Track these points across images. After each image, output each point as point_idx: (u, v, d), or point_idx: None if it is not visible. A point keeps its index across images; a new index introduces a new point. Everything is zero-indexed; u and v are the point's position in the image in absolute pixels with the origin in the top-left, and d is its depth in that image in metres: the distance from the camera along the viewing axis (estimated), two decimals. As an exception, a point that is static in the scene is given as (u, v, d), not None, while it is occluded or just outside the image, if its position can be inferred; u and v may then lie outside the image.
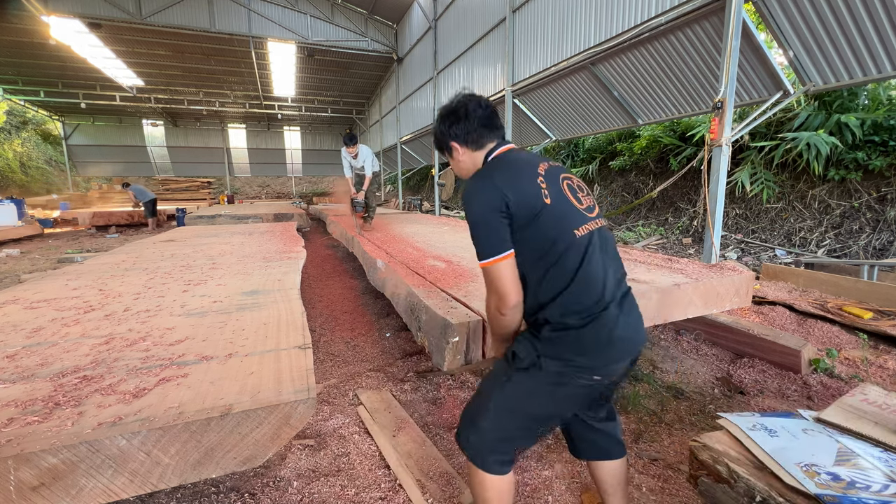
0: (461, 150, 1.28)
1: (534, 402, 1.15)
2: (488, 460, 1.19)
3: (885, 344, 2.89)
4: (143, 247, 3.98)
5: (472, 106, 1.25)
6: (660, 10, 4.58)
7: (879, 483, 1.00)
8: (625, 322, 1.12)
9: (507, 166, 1.18)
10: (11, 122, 18.05)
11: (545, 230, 1.10)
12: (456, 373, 2.57)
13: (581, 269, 1.10)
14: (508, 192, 1.09)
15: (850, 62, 3.65)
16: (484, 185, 1.13)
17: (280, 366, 1.31)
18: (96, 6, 11.14)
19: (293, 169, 26.11)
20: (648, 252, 3.31)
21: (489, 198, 1.10)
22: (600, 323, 1.08)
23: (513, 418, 1.18)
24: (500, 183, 1.11)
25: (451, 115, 1.27)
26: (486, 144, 1.27)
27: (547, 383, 1.12)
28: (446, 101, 1.30)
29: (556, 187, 1.16)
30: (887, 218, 4.87)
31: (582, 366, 1.09)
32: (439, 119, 1.30)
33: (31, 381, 1.22)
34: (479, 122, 1.24)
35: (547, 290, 1.11)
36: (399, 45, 14.20)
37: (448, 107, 1.29)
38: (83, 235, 10.04)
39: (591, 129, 7.18)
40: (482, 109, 1.25)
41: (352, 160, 5.06)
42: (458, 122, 1.25)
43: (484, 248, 1.11)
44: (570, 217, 1.13)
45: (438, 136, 1.33)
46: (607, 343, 1.09)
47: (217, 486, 1.65)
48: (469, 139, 1.26)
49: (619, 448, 1.35)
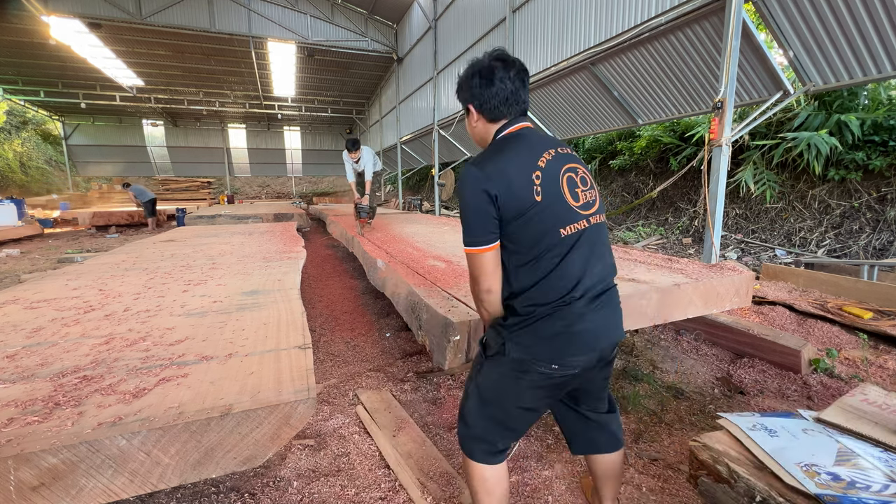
0: (476, 116, 1.24)
1: (503, 390, 1.19)
2: (473, 449, 1.24)
3: (885, 344, 2.89)
4: (143, 247, 3.98)
5: (501, 75, 1.17)
6: (660, 10, 4.58)
7: (879, 483, 1.00)
8: (592, 317, 1.12)
9: (506, 154, 1.14)
10: (11, 122, 18.04)
11: (530, 228, 1.10)
12: (456, 373, 2.57)
13: (557, 267, 1.11)
14: (499, 186, 1.08)
15: (850, 62, 3.65)
16: (475, 176, 1.11)
17: (280, 366, 1.31)
18: (96, 6, 11.14)
19: (293, 169, 26.10)
20: (648, 252, 3.31)
21: (477, 189, 1.10)
22: (559, 315, 1.11)
23: (489, 407, 1.23)
24: (493, 175, 1.09)
25: (477, 75, 1.19)
26: (501, 119, 1.22)
27: (511, 369, 1.16)
28: (481, 56, 1.21)
29: (553, 182, 1.12)
30: (887, 218, 4.87)
31: (537, 356, 1.12)
32: (468, 74, 1.22)
33: (31, 381, 1.22)
34: (503, 94, 1.18)
35: (520, 282, 1.14)
36: (399, 45, 14.20)
37: (478, 64, 1.20)
38: (83, 235, 10.04)
39: (591, 129, 7.17)
40: (510, 82, 1.17)
41: (354, 165, 5.15)
42: (481, 86, 1.19)
43: (469, 236, 1.14)
44: (560, 215, 1.12)
45: (460, 91, 1.26)
46: (564, 335, 1.11)
47: (217, 486, 1.65)
48: (486, 108, 1.21)
49: (615, 442, 1.36)
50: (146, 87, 17.90)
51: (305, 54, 14.07)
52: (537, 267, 1.12)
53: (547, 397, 1.21)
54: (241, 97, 19.96)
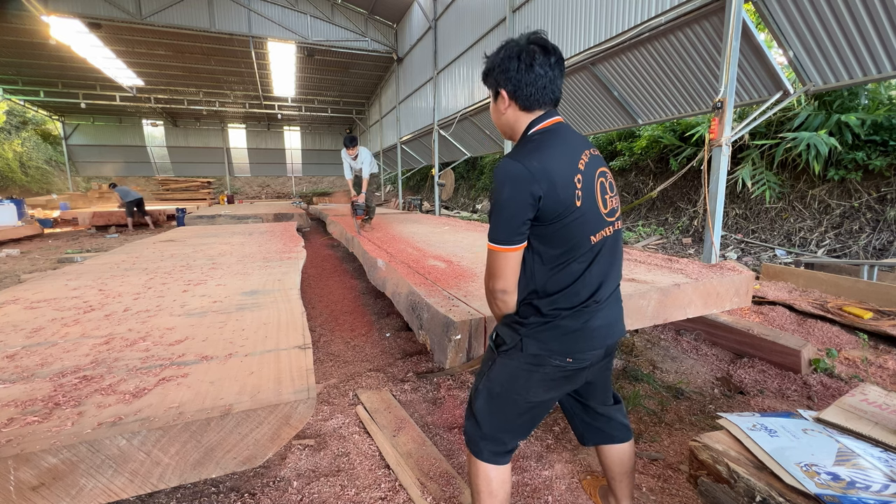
0: (508, 102, 1.15)
1: (515, 385, 1.19)
2: (482, 448, 1.24)
3: (885, 344, 2.89)
4: (142, 247, 3.98)
5: (541, 60, 1.08)
6: (660, 10, 4.58)
7: (879, 483, 1.00)
8: (603, 315, 1.17)
9: (548, 151, 1.07)
10: (11, 122, 18.05)
11: (565, 232, 1.09)
12: (456, 372, 2.57)
13: (584, 273, 1.13)
14: (543, 186, 1.03)
15: (850, 62, 3.65)
16: (520, 172, 1.03)
17: (280, 366, 1.31)
18: (96, 6, 11.14)
19: (293, 169, 26.10)
20: (648, 252, 3.31)
21: (523, 188, 1.03)
22: (579, 314, 1.13)
23: (500, 403, 1.22)
24: (538, 174, 1.03)
25: (513, 58, 1.09)
26: (535, 110, 1.14)
27: (525, 363, 1.16)
28: (517, 37, 1.12)
29: (591, 186, 1.11)
30: (887, 218, 4.87)
31: (555, 350, 1.14)
32: (502, 56, 1.12)
33: (31, 381, 1.22)
34: (541, 82, 1.10)
35: (545, 284, 1.13)
36: (399, 45, 14.19)
37: (514, 47, 1.10)
38: (83, 235, 10.04)
39: (591, 129, 7.17)
40: (549, 69, 1.09)
41: (352, 161, 5.24)
42: (517, 70, 1.09)
43: (498, 234, 1.08)
44: (592, 222, 1.12)
45: (491, 72, 1.16)
46: (581, 331, 1.14)
47: (217, 486, 1.65)
48: (521, 95, 1.12)
49: (625, 431, 1.40)
50: (146, 87, 17.90)
51: (305, 54, 14.07)
52: (565, 271, 1.11)
53: (556, 390, 1.22)
54: (241, 97, 19.96)
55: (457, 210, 14.28)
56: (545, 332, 1.14)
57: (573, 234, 1.09)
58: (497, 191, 1.07)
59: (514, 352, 1.17)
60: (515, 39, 1.12)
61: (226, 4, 12.32)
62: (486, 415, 1.23)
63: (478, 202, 13.90)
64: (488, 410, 1.23)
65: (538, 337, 1.14)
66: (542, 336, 1.14)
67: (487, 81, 1.19)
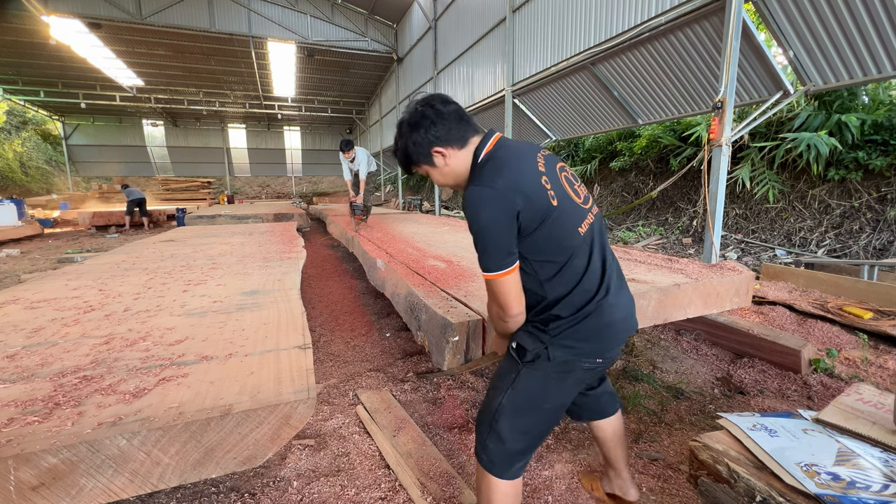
0: (448, 154, 1.15)
1: (546, 395, 1.16)
2: (507, 466, 1.18)
3: (885, 344, 2.89)
4: (142, 247, 3.98)
5: (438, 104, 1.13)
6: (660, 10, 4.58)
7: (879, 483, 1.00)
8: (620, 306, 1.18)
9: (507, 168, 1.08)
10: (11, 122, 18.05)
11: (554, 232, 1.08)
12: (456, 373, 2.57)
13: (589, 266, 1.13)
14: (518, 200, 1.03)
15: (850, 62, 3.65)
16: (491, 196, 1.03)
17: (280, 366, 1.31)
18: (96, 6, 11.15)
19: (293, 169, 26.11)
20: (648, 252, 3.31)
21: (498, 209, 1.02)
22: (598, 312, 1.13)
23: (529, 416, 1.18)
24: (508, 191, 1.03)
25: (421, 120, 1.13)
26: (470, 139, 1.16)
27: (555, 372, 1.15)
28: (404, 114, 1.17)
29: (558, 183, 1.12)
30: (887, 218, 4.87)
31: (586, 352, 1.13)
32: (409, 129, 1.15)
33: (31, 381, 1.22)
34: (454, 116, 1.14)
35: (558, 289, 1.12)
36: (399, 45, 14.20)
37: (413, 114, 1.15)
38: (83, 235, 10.04)
39: (591, 129, 7.18)
40: (451, 104, 1.14)
41: (349, 164, 5.42)
42: (433, 124, 1.12)
43: (489, 263, 1.06)
44: (574, 215, 1.12)
45: (414, 147, 1.15)
46: (606, 329, 1.14)
47: (217, 486, 1.65)
48: (451, 137, 1.14)
49: (614, 402, 1.48)
50: (146, 87, 17.92)
51: (305, 54, 14.08)
52: (569, 271, 1.11)
53: (580, 389, 1.24)
54: (241, 97, 19.98)
55: (457, 210, 14.28)
56: (570, 336, 1.12)
57: (561, 233, 1.09)
58: (474, 219, 1.04)
59: (541, 361, 1.14)
60: (403, 116, 1.17)
61: (226, 4, 12.33)
62: (514, 431, 1.17)
63: (478, 202, 13.85)
64: (516, 426, 1.17)
65: (564, 343, 1.12)
66: (567, 341, 1.12)
67: (415, 163, 1.19)
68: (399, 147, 1.19)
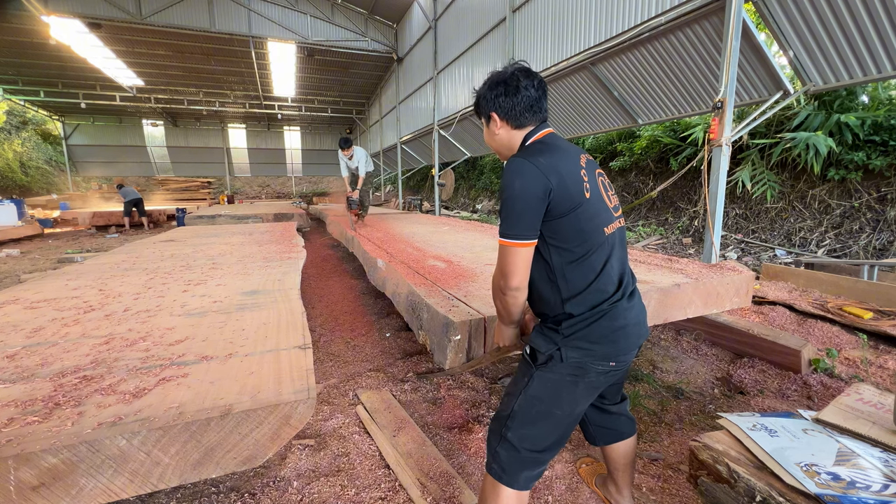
0: (500, 124, 1.23)
1: (559, 399, 1.15)
2: (520, 475, 1.16)
3: (885, 344, 2.89)
4: (142, 247, 3.98)
5: (525, 83, 1.18)
6: (660, 10, 4.58)
7: (879, 483, 1.00)
8: (633, 313, 1.18)
9: (551, 153, 1.13)
10: (11, 122, 18.04)
11: (580, 224, 1.10)
12: (456, 373, 2.57)
13: (605, 266, 1.14)
14: (553, 179, 1.07)
15: (850, 62, 3.64)
16: (530, 168, 1.08)
17: (280, 366, 1.31)
18: (96, 6, 11.13)
19: (293, 169, 26.10)
20: (648, 252, 3.31)
21: (533, 181, 1.06)
22: (611, 315, 1.13)
23: (541, 422, 1.16)
24: (546, 169, 1.07)
25: (500, 84, 1.20)
26: (527, 126, 1.22)
27: (568, 374, 1.14)
28: (499, 69, 1.23)
29: (595, 182, 1.17)
30: (887, 218, 4.87)
31: (598, 354, 1.13)
32: (488, 85, 1.23)
33: (31, 381, 1.22)
34: (527, 101, 1.19)
35: (573, 285, 1.13)
36: (399, 45, 14.19)
37: (500, 75, 1.21)
38: (83, 235, 10.04)
39: (591, 129, 7.17)
40: (534, 90, 1.19)
41: (347, 161, 5.61)
42: (506, 94, 1.19)
43: (510, 229, 1.09)
44: (603, 214, 1.16)
45: (481, 101, 1.26)
46: (619, 332, 1.14)
47: (217, 486, 1.65)
48: (512, 115, 1.20)
49: (631, 425, 1.45)
50: (146, 87, 17.90)
51: (305, 54, 14.07)
52: (587, 265, 1.12)
53: (593, 395, 1.22)
54: (241, 97, 19.96)
55: (457, 210, 14.28)
56: (583, 336, 1.12)
57: (588, 226, 1.11)
58: (508, 186, 1.09)
59: (554, 363, 1.14)
60: (501, 70, 1.23)
61: (226, 4, 12.31)
62: (527, 437, 1.16)
63: (478, 202, 13.91)
64: (528, 432, 1.16)
65: (577, 344, 1.12)
66: (579, 342, 1.12)
67: (479, 110, 1.28)
68: (478, 91, 1.27)
